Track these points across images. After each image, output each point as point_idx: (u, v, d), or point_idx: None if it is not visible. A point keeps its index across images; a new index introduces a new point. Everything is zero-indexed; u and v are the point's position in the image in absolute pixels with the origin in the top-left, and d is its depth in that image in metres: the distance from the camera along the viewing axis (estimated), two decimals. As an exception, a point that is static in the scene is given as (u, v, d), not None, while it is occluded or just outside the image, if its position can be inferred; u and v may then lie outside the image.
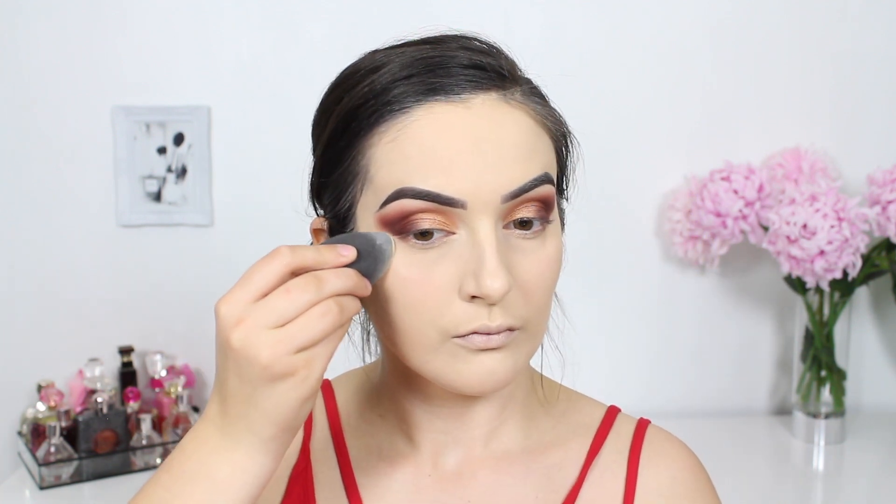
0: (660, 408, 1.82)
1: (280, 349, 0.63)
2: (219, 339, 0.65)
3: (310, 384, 0.64)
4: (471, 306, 0.69)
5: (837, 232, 1.58)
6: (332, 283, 0.65)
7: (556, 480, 0.80)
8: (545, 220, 0.71)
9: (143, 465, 1.65)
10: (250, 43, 1.77)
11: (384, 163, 0.69)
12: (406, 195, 0.68)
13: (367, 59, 0.74)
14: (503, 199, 0.69)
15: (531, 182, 0.70)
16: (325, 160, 0.74)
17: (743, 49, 1.79)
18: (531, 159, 0.70)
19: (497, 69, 0.71)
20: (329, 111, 0.74)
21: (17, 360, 1.79)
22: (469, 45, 0.73)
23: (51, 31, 1.74)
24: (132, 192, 1.78)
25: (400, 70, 0.70)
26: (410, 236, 0.69)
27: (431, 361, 0.71)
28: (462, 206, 0.68)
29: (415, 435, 0.80)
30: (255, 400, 0.65)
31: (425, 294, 0.69)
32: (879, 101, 1.81)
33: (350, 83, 0.73)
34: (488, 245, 0.68)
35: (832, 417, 1.73)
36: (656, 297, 1.86)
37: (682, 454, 0.82)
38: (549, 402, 0.83)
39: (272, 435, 0.66)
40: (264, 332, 0.63)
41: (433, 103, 0.69)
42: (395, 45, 0.75)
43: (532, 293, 0.71)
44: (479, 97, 0.70)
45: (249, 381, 0.64)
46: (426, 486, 0.79)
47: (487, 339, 0.70)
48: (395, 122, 0.69)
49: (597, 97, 1.77)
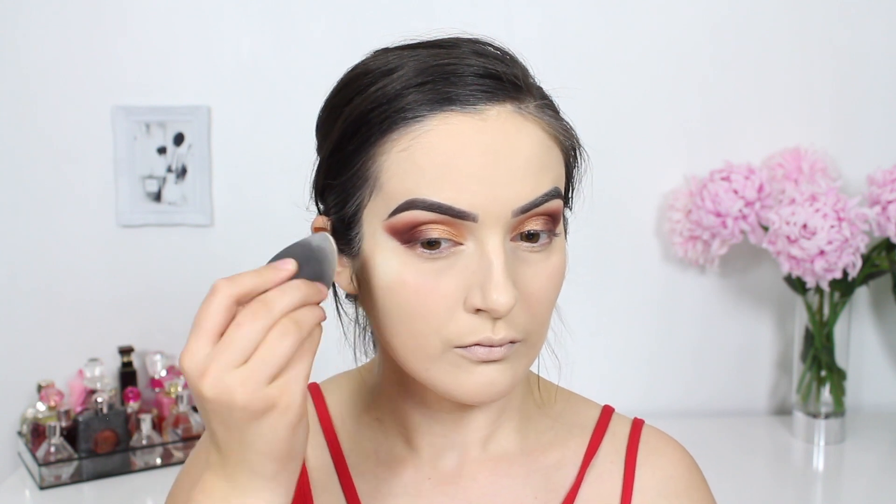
0: (660, 407, 1.82)
1: (251, 386, 0.62)
2: (194, 394, 0.64)
3: (294, 411, 0.63)
4: (475, 318, 0.69)
5: (837, 232, 1.58)
6: (281, 301, 0.64)
7: (554, 481, 0.80)
8: (552, 232, 0.71)
9: (143, 465, 1.65)
10: (250, 43, 1.77)
11: (395, 172, 0.68)
12: (417, 206, 0.68)
13: (379, 60, 0.72)
14: (514, 214, 0.68)
15: (542, 197, 0.69)
16: (333, 162, 0.73)
17: (743, 49, 1.79)
18: (543, 174, 0.70)
19: (512, 79, 0.70)
20: (337, 111, 0.73)
21: (17, 360, 1.79)
22: (483, 51, 0.72)
23: (51, 31, 1.74)
24: (132, 192, 1.78)
25: (414, 76, 0.69)
26: (418, 245, 0.68)
27: (432, 370, 0.71)
28: (473, 219, 0.68)
29: (413, 438, 0.80)
30: (247, 442, 0.64)
31: (430, 303, 0.69)
32: (879, 101, 1.81)
33: (361, 84, 0.71)
34: (497, 259, 0.68)
35: (832, 417, 1.73)
36: (656, 297, 1.86)
37: (677, 453, 0.83)
38: (546, 403, 0.83)
39: (276, 470, 0.65)
40: (231, 374, 0.62)
41: (448, 114, 0.68)
42: (406, 46, 0.73)
43: (535, 305, 0.71)
44: (494, 109, 0.69)
45: (235, 427, 0.63)
46: (426, 489, 0.79)
47: (489, 351, 0.70)
48: (409, 130, 0.68)
49: (597, 97, 1.77)
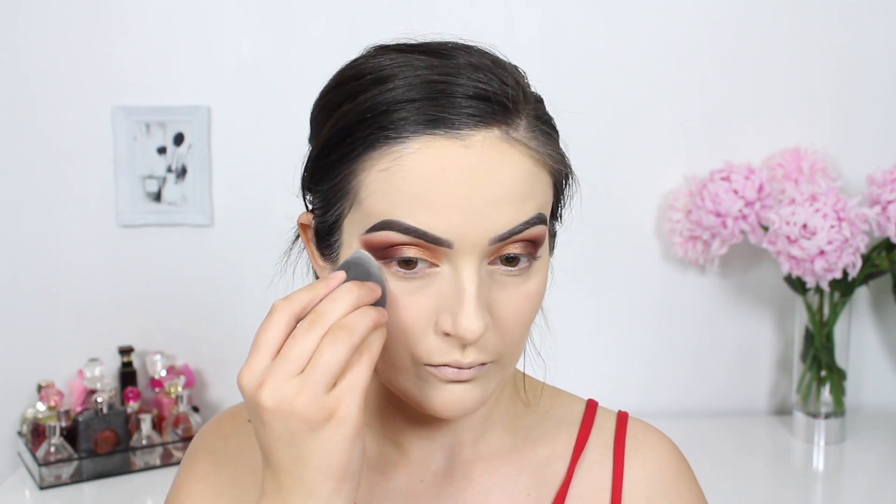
0: (660, 407, 1.82)
1: (308, 394, 0.63)
2: (251, 409, 0.65)
3: (352, 422, 0.64)
4: (444, 341, 0.69)
5: (837, 232, 1.58)
6: (333, 309, 0.65)
7: (545, 476, 0.81)
8: (532, 256, 0.70)
9: (143, 465, 1.65)
10: (250, 43, 1.77)
11: (374, 190, 0.68)
12: (392, 227, 0.67)
13: (373, 64, 0.70)
14: (491, 241, 0.67)
15: (522, 225, 0.68)
16: (317, 167, 0.73)
17: (743, 49, 1.79)
18: (526, 202, 0.68)
19: (502, 100, 0.68)
20: (327, 112, 0.72)
21: (17, 360, 1.79)
22: (478, 64, 0.70)
23: (51, 31, 1.74)
24: (132, 192, 1.78)
25: (405, 91, 0.67)
26: (394, 263, 0.68)
27: (402, 381, 0.71)
28: (448, 245, 0.67)
29: (403, 442, 0.80)
30: (304, 458, 0.64)
31: (403, 320, 0.69)
32: (879, 101, 1.81)
33: (351, 89, 0.70)
34: (469, 286, 0.67)
35: (832, 417, 1.73)
36: (656, 297, 1.86)
37: (663, 444, 0.84)
38: (532, 400, 0.84)
39: (332, 490, 0.65)
40: (288, 383, 0.63)
41: (432, 137, 0.66)
42: (404, 48, 0.72)
43: (509, 329, 0.70)
44: (480, 134, 0.67)
45: (293, 440, 0.64)
46: (420, 491, 0.79)
47: (458, 372, 0.69)
48: (391, 150, 0.67)
49: (597, 97, 1.77)
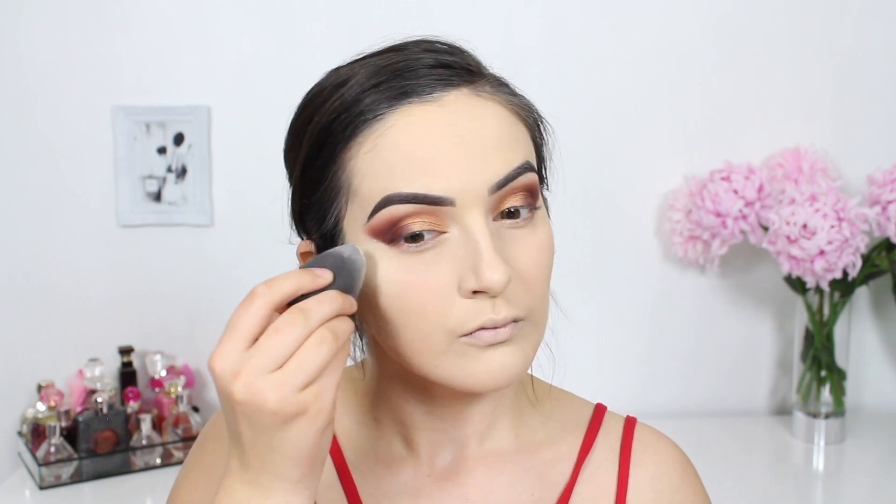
0: (659, 407, 1.82)
1: (285, 391, 0.62)
2: (221, 395, 0.64)
3: (324, 416, 0.64)
4: (473, 302, 0.69)
5: (837, 232, 1.58)
6: (319, 311, 0.64)
7: (550, 478, 0.81)
8: (532, 206, 0.72)
9: (143, 465, 1.65)
10: (250, 43, 1.77)
11: (366, 173, 0.69)
12: (393, 201, 0.68)
13: (331, 77, 0.73)
14: (490, 191, 0.69)
15: (515, 171, 0.69)
16: (305, 182, 0.73)
17: (743, 49, 1.79)
18: (512, 149, 0.70)
19: (464, 66, 0.71)
20: (301, 133, 0.73)
21: (17, 360, 1.79)
22: (432, 48, 0.73)
23: (51, 31, 1.74)
24: (132, 192, 1.78)
25: (367, 79, 0.70)
26: (402, 241, 0.68)
27: (441, 365, 0.70)
28: (451, 203, 0.68)
29: (413, 436, 0.80)
30: (274, 446, 0.64)
31: (425, 297, 0.68)
32: (879, 101, 1.81)
33: (318, 101, 0.72)
34: (482, 238, 0.68)
35: (832, 417, 1.73)
36: (656, 297, 1.86)
37: (670, 450, 0.84)
38: (538, 401, 0.83)
39: (301, 474, 0.66)
40: (265, 378, 0.62)
41: (407, 106, 0.69)
42: (356, 59, 0.74)
43: (531, 281, 0.71)
44: (451, 94, 0.69)
45: (263, 430, 0.64)
46: (425, 486, 0.80)
47: (495, 333, 0.69)
48: (372, 130, 0.69)
49: (597, 97, 1.77)
